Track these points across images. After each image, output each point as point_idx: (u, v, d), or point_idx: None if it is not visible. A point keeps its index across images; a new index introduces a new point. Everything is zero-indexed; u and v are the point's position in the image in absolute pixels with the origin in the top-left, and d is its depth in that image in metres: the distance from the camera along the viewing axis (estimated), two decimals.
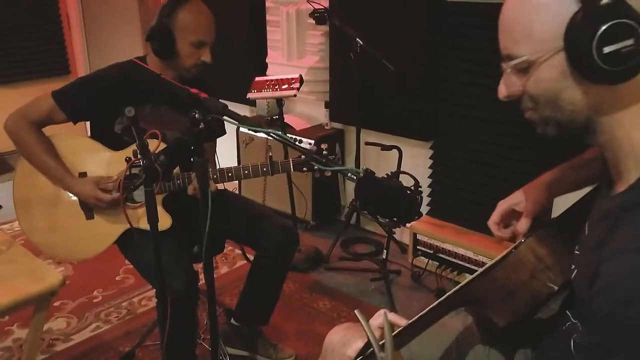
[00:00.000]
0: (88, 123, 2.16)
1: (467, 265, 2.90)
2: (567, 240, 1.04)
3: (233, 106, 3.58)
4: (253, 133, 3.50)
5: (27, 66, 4.83)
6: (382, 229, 3.30)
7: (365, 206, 1.24)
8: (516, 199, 1.30)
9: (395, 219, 1.27)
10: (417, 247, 3.12)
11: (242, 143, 3.70)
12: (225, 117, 1.50)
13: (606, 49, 0.79)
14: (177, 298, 1.90)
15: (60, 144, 2.05)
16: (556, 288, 1.03)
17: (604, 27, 0.78)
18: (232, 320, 2.43)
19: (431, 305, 1.05)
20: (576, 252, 1.00)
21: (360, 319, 0.89)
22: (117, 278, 3.10)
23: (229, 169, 2.02)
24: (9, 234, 3.50)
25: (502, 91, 0.95)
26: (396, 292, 2.91)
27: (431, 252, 3.05)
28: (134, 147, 1.59)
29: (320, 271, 3.16)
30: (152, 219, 1.60)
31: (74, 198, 2.04)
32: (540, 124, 0.93)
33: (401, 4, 2.98)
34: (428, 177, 3.18)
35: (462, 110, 2.91)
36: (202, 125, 1.52)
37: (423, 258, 3.09)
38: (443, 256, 3.00)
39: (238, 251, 3.24)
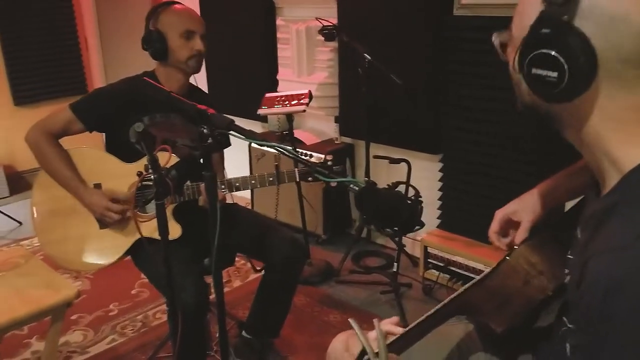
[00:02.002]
0: (104, 136, 2.25)
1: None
2: (560, 245, 1.06)
3: (245, 123, 3.70)
4: (265, 148, 3.55)
5: (46, 87, 4.96)
6: (392, 242, 3.32)
7: (366, 217, 1.28)
8: (512, 208, 1.32)
9: (396, 229, 1.30)
10: (428, 260, 3.13)
11: (254, 158, 3.76)
12: (232, 132, 1.54)
13: (534, 70, 0.81)
14: (186, 309, 1.94)
15: (77, 156, 2.14)
16: (550, 293, 1.05)
17: (535, 52, 0.80)
18: (243, 333, 2.47)
19: (427, 314, 1.08)
20: (569, 256, 1.02)
21: (354, 327, 0.92)
22: (132, 292, 3.15)
23: (236, 179, 2.07)
24: (29, 250, 3.58)
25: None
26: (407, 305, 2.93)
27: (442, 264, 3.06)
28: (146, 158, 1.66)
29: (331, 284, 3.18)
30: (163, 232, 1.65)
31: None
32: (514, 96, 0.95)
33: (407, 19, 3.03)
34: (438, 190, 3.20)
35: (470, 123, 2.94)
36: (210, 140, 1.58)
37: (434, 271, 3.10)
38: (454, 269, 3.01)
39: (249, 265, 3.27)
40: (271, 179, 2.06)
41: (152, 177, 1.59)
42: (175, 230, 2.13)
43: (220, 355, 1.86)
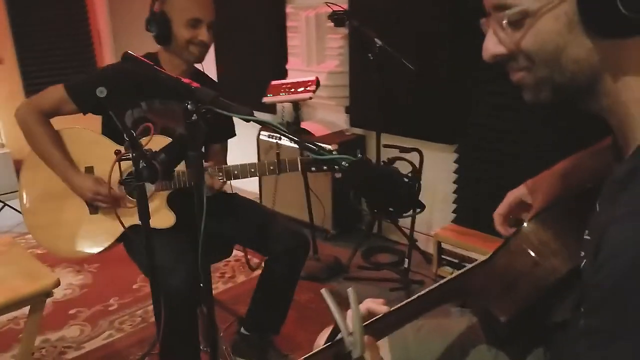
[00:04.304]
0: (100, 120, 2.14)
1: None
2: (576, 222, 0.91)
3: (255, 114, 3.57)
4: (273, 141, 3.43)
5: (59, 80, 4.73)
6: (405, 237, 3.17)
7: (356, 195, 1.14)
8: (526, 189, 1.18)
9: (391, 210, 1.16)
10: (442, 256, 2.98)
11: (263, 151, 3.64)
12: (215, 108, 1.41)
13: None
14: (175, 298, 1.82)
15: (70, 137, 2.04)
16: (562, 276, 0.90)
17: None
18: (242, 330, 2.34)
19: (419, 294, 0.94)
20: (586, 237, 0.87)
21: (326, 300, 0.79)
22: (134, 286, 3.05)
23: (235, 167, 1.95)
24: (22, 245, 3.51)
25: (489, 49, 0.81)
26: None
27: (456, 261, 2.91)
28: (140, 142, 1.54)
29: (339, 281, 3.04)
30: (144, 216, 1.53)
31: None
32: (532, 89, 0.81)
33: (421, 2, 2.88)
34: (453, 183, 3.05)
35: (488, 111, 2.78)
36: (194, 117, 1.45)
37: (448, 268, 2.95)
38: (469, 265, 2.84)
39: (256, 260, 3.16)
40: (272, 167, 1.93)
41: (131, 156, 1.47)
42: (168, 219, 2.02)
43: (210, 352, 1.74)
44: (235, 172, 1.95)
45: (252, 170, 1.95)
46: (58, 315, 2.81)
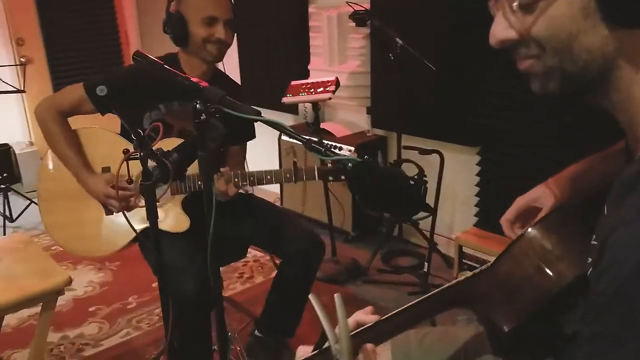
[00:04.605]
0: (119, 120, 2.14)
1: None
2: (583, 227, 0.86)
3: (276, 114, 3.58)
4: (294, 141, 3.41)
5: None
6: (426, 241, 3.12)
7: (360, 197, 1.11)
8: (536, 194, 1.13)
9: (396, 212, 1.12)
10: (463, 260, 2.91)
11: (284, 152, 3.63)
12: (223, 107, 1.40)
13: None
14: (186, 301, 1.82)
15: (88, 137, 2.04)
16: (567, 283, 0.85)
17: None
18: (257, 332, 2.33)
19: (417, 300, 0.90)
20: (593, 242, 0.83)
21: (314, 306, 0.76)
22: (153, 285, 3.06)
23: (251, 173, 1.93)
24: (40, 243, 3.57)
25: (497, 34, 0.77)
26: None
27: (478, 265, 2.84)
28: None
29: (358, 284, 3.01)
30: (152, 215, 1.52)
31: None
32: (540, 78, 0.76)
33: (443, 1, 2.83)
34: (475, 186, 2.98)
35: (512, 113, 2.71)
36: (203, 117, 1.44)
37: (469, 272, 2.87)
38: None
39: (276, 261, 3.15)
40: (288, 175, 1.90)
41: (139, 155, 1.46)
42: (182, 223, 2.01)
43: (219, 353, 1.73)
44: (252, 179, 1.92)
45: (269, 177, 1.93)
46: (78, 312, 2.84)
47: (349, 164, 1.19)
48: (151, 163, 1.57)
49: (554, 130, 2.55)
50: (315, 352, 0.86)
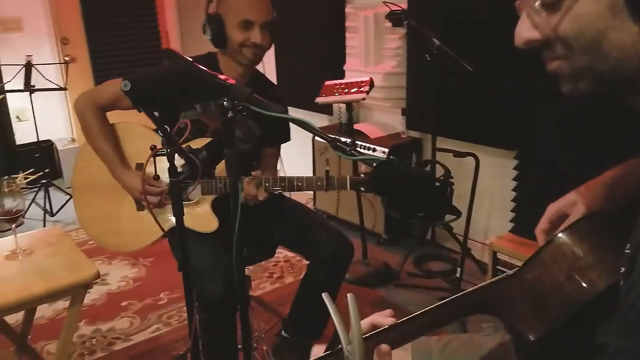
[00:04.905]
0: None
1: None
2: (617, 234, 0.81)
3: (311, 115, 3.57)
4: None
5: None
6: (459, 245, 3.06)
7: (386, 200, 1.08)
8: (569, 200, 1.08)
9: (421, 213, 1.09)
10: (497, 266, 2.84)
11: (318, 152, 3.62)
12: (250, 105, 1.39)
13: None
14: (212, 302, 1.82)
15: (124, 132, 2.05)
16: (598, 292, 0.81)
17: None
18: (284, 332, 2.31)
19: (437, 304, 0.87)
20: (627, 250, 0.78)
21: (327, 303, 0.74)
22: None
23: (282, 178, 1.91)
24: (79, 240, 3.64)
25: (521, 34, 0.74)
26: (470, 318, 2.66)
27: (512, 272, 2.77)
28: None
29: (389, 287, 2.97)
30: (178, 212, 1.52)
31: None
32: (570, 79, 0.72)
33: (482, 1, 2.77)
34: (512, 190, 2.91)
35: (553, 115, 2.62)
36: (230, 114, 1.44)
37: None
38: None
39: (305, 262, 3.13)
40: (319, 183, 1.88)
41: (166, 152, 1.47)
42: (211, 223, 2.00)
43: (243, 353, 1.72)
44: (283, 184, 1.90)
45: (300, 184, 1.90)
46: (111, 307, 2.88)
47: (374, 164, 1.17)
48: (181, 161, 1.59)
49: (598, 134, 2.46)
50: (327, 353, 0.84)
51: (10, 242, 1.85)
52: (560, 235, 0.87)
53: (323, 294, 0.77)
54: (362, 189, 1.86)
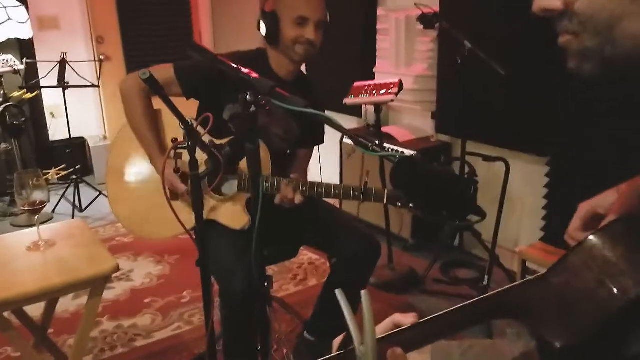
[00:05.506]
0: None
1: None
2: None
3: (340, 117, 3.53)
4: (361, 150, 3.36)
5: None
6: (487, 252, 2.98)
7: (404, 195, 1.04)
8: (603, 200, 1.02)
9: (445, 214, 1.05)
10: (526, 275, 2.76)
11: (345, 154, 3.58)
12: (273, 99, 1.36)
13: None
14: (233, 298, 1.80)
15: (166, 119, 2.01)
16: (631, 298, 0.75)
17: None
18: (305, 334, 2.28)
19: (458, 305, 0.82)
20: None
21: (340, 300, 0.71)
22: None
23: (320, 185, 1.87)
24: (106, 236, 3.67)
25: (544, 2, 0.70)
26: (496, 323, 2.58)
27: None
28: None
29: (414, 294, 2.91)
30: (197, 206, 1.51)
31: None
32: (577, 56, 0.68)
33: (515, 4, 2.70)
34: (543, 198, 2.82)
35: (587, 121, 2.54)
36: (253, 108, 1.41)
37: None
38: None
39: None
40: (356, 193, 1.85)
41: (186, 145, 1.45)
42: (241, 220, 1.96)
43: (261, 353, 1.69)
44: (319, 191, 1.88)
45: (337, 192, 1.88)
46: (134, 303, 2.89)
47: (396, 159, 1.13)
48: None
49: (635, 142, 2.37)
50: (339, 352, 0.80)
51: (33, 234, 1.86)
52: (591, 237, 0.82)
53: (336, 290, 0.73)
54: (398, 204, 1.81)
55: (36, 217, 1.80)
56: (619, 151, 2.43)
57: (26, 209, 1.75)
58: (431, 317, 0.83)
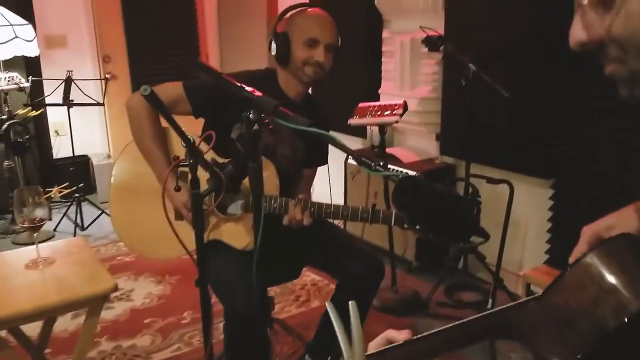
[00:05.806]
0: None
1: None
2: None
3: (345, 138, 3.53)
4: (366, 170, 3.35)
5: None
6: (491, 276, 2.94)
7: (405, 216, 1.02)
8: (606, 223, 0.99)
9: (445, 234, 1.03)
10: None
11: (350, 175, 3.56)
12: (276, 118, 1.36)
13: None
14: (235, 318, 1.77)
15: (174, 138, 1.97)
16: (630, 313, 0.73)
17: None
18: (307, 357, 2.24)
19: (454, 323, 0.80)
20: None
21: (330, 313, 0.69)
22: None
23: (328, 206, 1.86)
24: (106, 255, 3.65)
25: (574, 35, 0.68)
26: (500, 347, 2.54)
27: None
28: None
29: (418, 317, 2.87)
30: (197, 225, 1.49)
31: None
32: (626, 82, 0.66)
33: (520, 25, 2.71)
34: (547, 221, 2.80)
35: (592, 144, 2.53)
36: (256, 127, 1.40)
37: None
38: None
39: (333, 285, 3.06)
40: (364, 215, 1.84)
41: (188, 163, 1.44)
42: (244, 240, 1.94)
43: None
44: (328, 212, 1.86)
45: (345, 213, 1.87)
46: (133, 323, 2.86)
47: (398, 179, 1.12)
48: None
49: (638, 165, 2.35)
50: None
51: (32, 252, 1.84)
52: (587, 256, 0.80)
53: (326, 302, 0.71)
54: (405, 225, 1.80)
55: (35, 234, 1.78)
56: (627, 172, 2.41)
57: (25, 225, 1.74)
58: (424, 334, 0.81)
